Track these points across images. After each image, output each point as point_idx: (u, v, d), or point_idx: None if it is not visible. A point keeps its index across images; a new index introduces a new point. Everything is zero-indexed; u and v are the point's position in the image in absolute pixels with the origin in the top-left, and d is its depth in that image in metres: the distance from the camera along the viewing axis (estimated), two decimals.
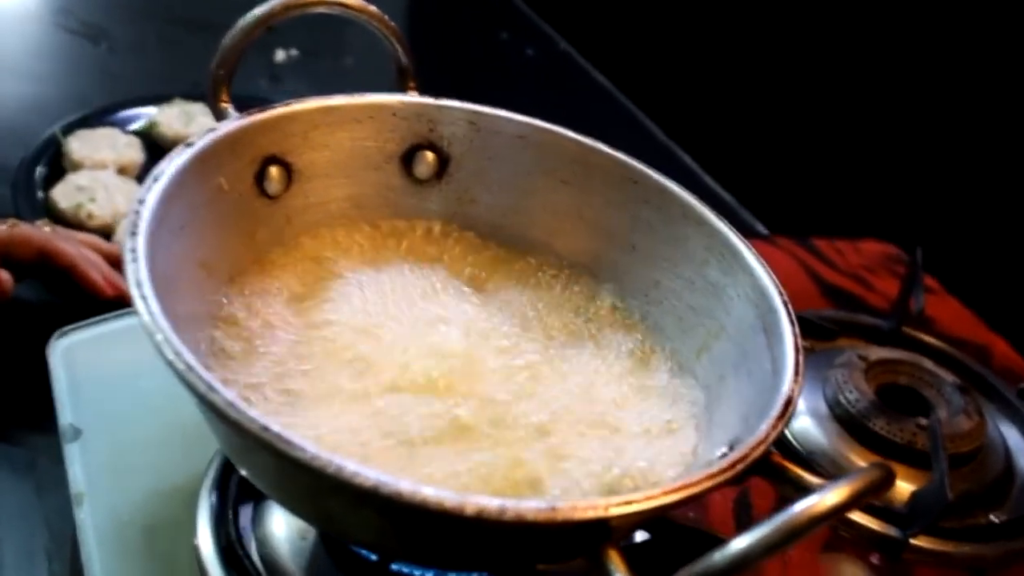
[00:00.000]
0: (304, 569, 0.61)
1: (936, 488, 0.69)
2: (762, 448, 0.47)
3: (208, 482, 0.64)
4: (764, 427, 0.48)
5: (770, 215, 1.28)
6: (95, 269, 0.92)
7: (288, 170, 0.63)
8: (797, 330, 0.55)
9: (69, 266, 0.92)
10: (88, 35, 1.47)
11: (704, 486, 0.45)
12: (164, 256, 0.52)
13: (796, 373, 0.52)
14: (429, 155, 0.67)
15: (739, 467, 0.46)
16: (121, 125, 1.19)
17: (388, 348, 0.57)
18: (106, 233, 1.04)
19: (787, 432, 0.77)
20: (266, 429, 0.42)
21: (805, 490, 0.49)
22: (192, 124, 1.19)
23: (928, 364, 0.83)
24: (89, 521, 0.64)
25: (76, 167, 1.11)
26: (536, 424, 0.55)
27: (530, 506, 0.42)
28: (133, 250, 0.49)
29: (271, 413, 0.53)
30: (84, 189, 1.06)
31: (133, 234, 0.50)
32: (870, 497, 0.44)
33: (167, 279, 0.52)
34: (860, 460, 0.75)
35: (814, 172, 1.43)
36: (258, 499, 0.63)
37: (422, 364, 0.57)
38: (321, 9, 0.65)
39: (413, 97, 0.67)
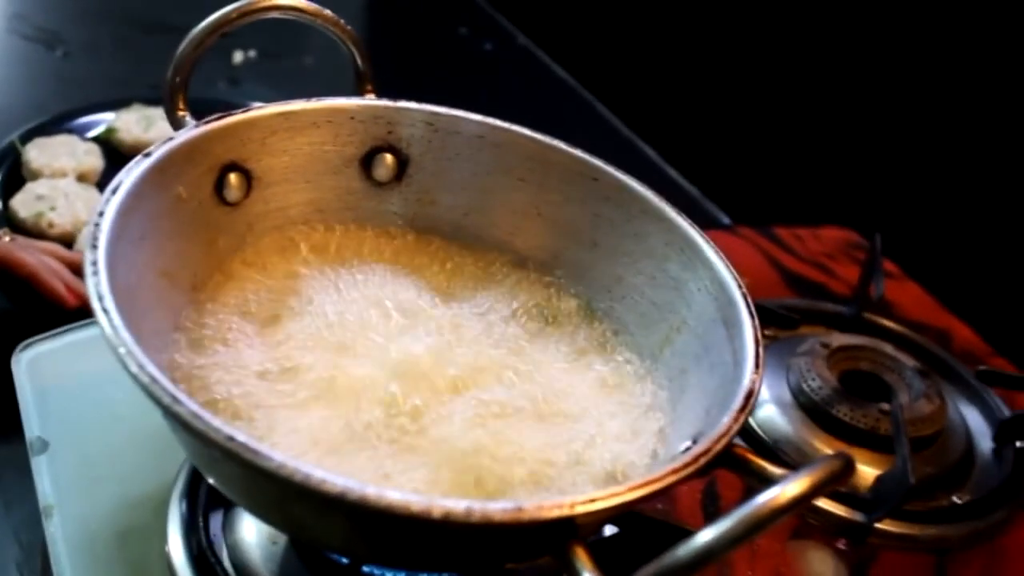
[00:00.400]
0: (276, 573, 0.62)
1: (899, 472, 0.71)
2: (724, 441, 0.48)
3: (178, 490, 0.65)
4: (726, 420, 0.49)
5: (733, 205, 1.29)
6: (57, 278, 0.92)
7: (247, 177, 0.63)
8: (757, 322, 0.55)
9: (30, 276, 0.91)
10: (43, 40, 1.46)
11: (668, 481, 0.46)
12: (125, 267, 0.52)
13: (756, 366, 0.53)
14: (388, 157, 0.67)
15: (702, 461, 0.47)
16: (80, 132, 1.18)
17: (351, 354, 0.58)
18: (67, 241, 1.03)
19: (752, 421, 0.78)
20: (231, 439, 0.42)
21: (769, 481, 0.50)
22: (152, 129, 1.18)
23: (889, 349, 0.85)
24: (59, 534, 0.64)
25: (35, 176, 1.10)
26: (499, 425, 0.55)
27: (496, 507, 0.42)
28: (94, 263, 0.49)
29: (235, 421, 0.53)
30: (44, 198, 1.06)
31: (93, 247, 0.50)
32: (831, 486, 0.44)
33: (129, 290, 0.52)
34: (824, 447, 0.76)
35: (775, 161, 1.44)
36: (228, 506, 0.64)
37: (384, 369, 0.57)
38: (276, 15, 0.65)
39: (371, 100, 0.67)
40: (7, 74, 1.42)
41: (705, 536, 0.41)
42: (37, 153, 1.12)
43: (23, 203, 1.05)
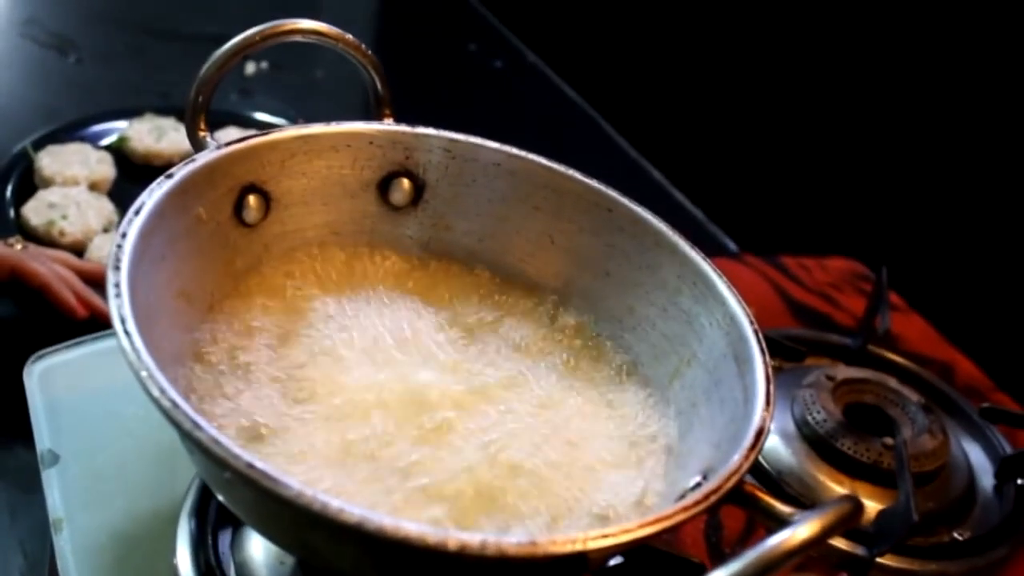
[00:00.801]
0: None
1: (902, 508, 0.71)
2: (735, 479, 0.48)
3: (187, 506, 0.65)
4: (736, 458, 0.50)
5: (739, 231, 1.30)
6: (68, 289, 0.93)
7: (266, 198, 0.64)
8: (768, 359, 0.56)
9: (42, 287, 0.92)
10: (56, 46, 1.47)
11: (679, 518, 0.46)
12: (145, 288, 0.53)
13: (767, 403, 0.53)
14: (405, 182, 0.68)
15: (713, 499, 0.48)
16: (92, 140, 1.19)
17: (362, 377, 0.58)
18: (78, 250, 1.04)
19: None
20: (251, 467, 0.43)
21: (777, 519, 0.50)
22: (163, 139, 1.19)
23: (893, 383, 0.85)
24: (68, 547, 0.64)
25: (47, 183, 1.11)
26: (510, 455, 0.55)
27: (511, 541, 0.43)
28: (117, 285, 0.50)
29: (248, 445, 0.53)
30: (56, 206, 1.06)
31: (116, 268, 0.51)
32: (842, 529, 0.45)
33: (148, 311, 0.52)
34: (828, 480, 0.77)
35: (783, 188, 1.45)
36: (237, 524, 0.64)
37: (394, 394, 0.58)
38: (298, 38, 0.66)
39: (390, 125, 0.68)
40: (20, 80, 1.43)
41: None
42: (49, 161, 1.13)
43: (35, 210, 1.06)
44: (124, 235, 0.53)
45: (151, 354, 0.47)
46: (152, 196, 0.56)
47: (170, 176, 0.58)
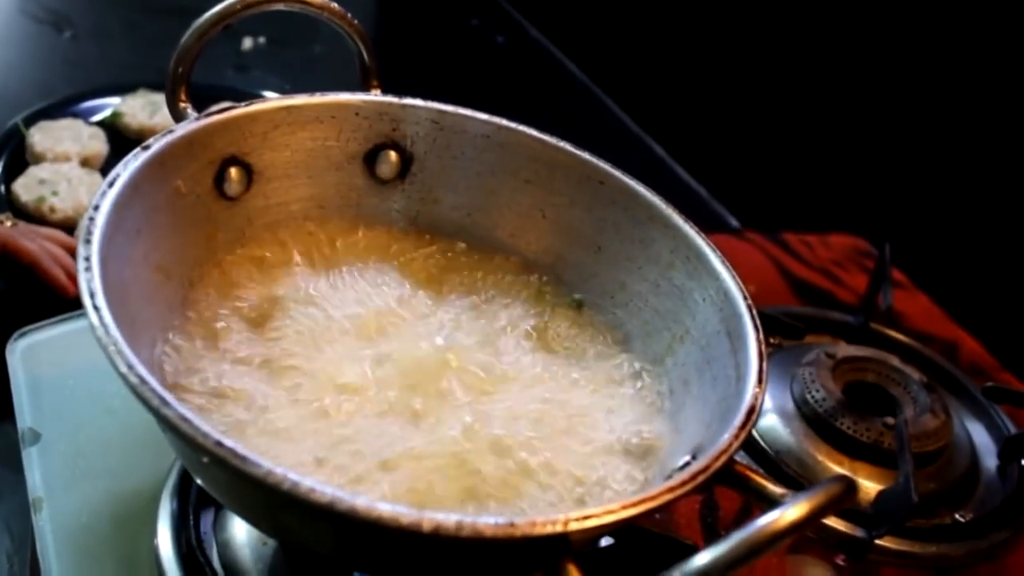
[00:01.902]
0: (265, 574, 0.61)
1: (902, 490, 0.69)
2: (723, 459, 0.47)
3: (169, 486, 0.64)
4: (726, 437, 0.48)
5: (741, 207, 1.28)
6: (58, 266, 0.92)
7: (248, 171, 0.62)
8: (761, 336, 0.54)
9: (32, 264, 0.91)
10: (51, 22, 1.45)
11: (663, 499, 0.45)
12: (120, 262, 0.51)
13: (759, 381, 0.51)
14: (392, 155, 0.66)
15: (700, 479, 0.46)
16: (84, 116, 1.18)
17: (345, 353, 0.57)
18: (69, 226, 1.02)
19: (754, 431, 0.77)
20: (220, 444, 0.42)
21: (768, 500, 0.49)
22: (157, 115, 1.18)
23: (895, 361, 0.83)
24: (48, 527, 0.63)
25: (38, 159, 1.09)
26: (497, 433, 0.54)
27: (488, 522, 0.41)
28: (87, 258, 0.48)
29: (226, 423, 0.52)
30: (46, 182, 1.05)
31: (87, 242, 0.49)
32: (832, 511, 0.43)
33: (123, 285, 0.51)
34: (827, 460, 0.75)
35: (785, 164, 1.43)
36: (219, 504, 0.63)
37: (380, 369, 0.56)
38: (281, 6, 0.64)
39: (376, 96, 0.66)
40: (14, 55, 1.41)
41: (701, 560, 0.40)
42: (41, 137, 1.11)
43: (25, 187, 1.05)
44: (97, 207, 0.51)
45: (121, 330, 0.46)
46: (127, 168, 0.54)
47: (147, 148, 0.56)
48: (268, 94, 1.25)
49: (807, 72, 1.41)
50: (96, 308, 0.46)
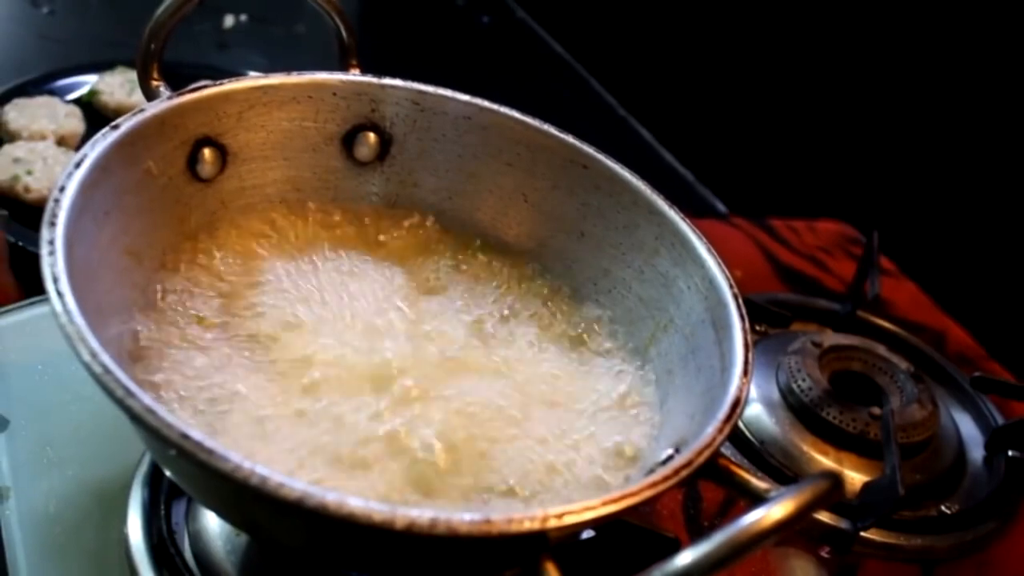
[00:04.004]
0: (238, 566, 0.60)
1: (888, 481, 0.68)
2: (707, 454, 0.46)
3: (140, 476, 0.62)
4: (710, 431, 0.47)
5: (728, 193, 1.27)
6: None
7: (222, 152, 0.61)
8: (747, 326, 0.53)
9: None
10: None
11: (645, 495, 0.43)
12: (87, 245, 0.50)
13: (745, 372, 0.50)
14: (371, 136, 0.65)
15: (683, 474, 0.45)
16: (61, 94, 1.15)
17: (322, 343, 0.55)
18: (44, 206, 1.00)
19: (739, 421, 0.76)
20: (186, 437, 0.40)
21: (753, 495, 0.47)
22: (135, 93, 1.15)
23: (882, 350, 0.82)
24: (14, 517, 0.61)
25: (13, 138, 1.07)
26: (478, 420, 0.53)
27: (463, 518, 0.40)
28: (51, 242, 0.47)
29: (196, 414, 0.50)
30: (21, 161, 1.02)
31: (52, 224, 0.48)
32: (818, 508, 0.42)
33: (89, 269, 0.49)
34: (812, 450, 0.74)
35: (773, 149, 1.41)
36: None
37: (357, 355, 0.55)
38: None
39: (355, 76, 0.64)
40: None
41: (683, 559, 0.39)
42: (16, 114, 1.08)
43: None
44: (62, 189, 0.50)
45: (86, 316, 0.44)
46: (95, 148, 0.52)
47: (116, 127, 0.54)
48: (252, 73, 1.23)
49: (796, 57, 1.40)
50: (60, 293, 0.45)
